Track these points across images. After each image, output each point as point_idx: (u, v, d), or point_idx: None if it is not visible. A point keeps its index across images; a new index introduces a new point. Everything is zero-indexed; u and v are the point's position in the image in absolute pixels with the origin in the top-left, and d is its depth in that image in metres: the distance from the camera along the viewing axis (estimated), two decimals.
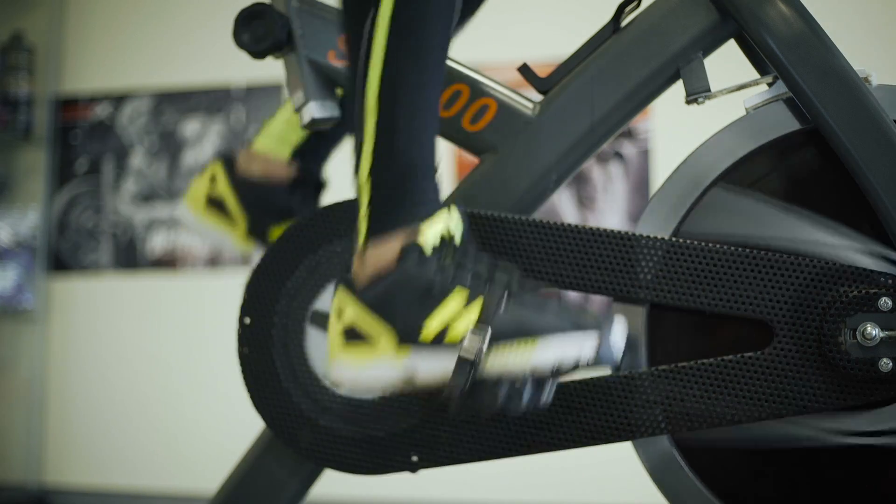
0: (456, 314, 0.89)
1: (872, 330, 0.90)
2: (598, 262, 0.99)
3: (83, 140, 3.12)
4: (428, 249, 0.91)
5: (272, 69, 1.09)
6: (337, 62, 1.11)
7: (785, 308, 0.94)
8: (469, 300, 0.89)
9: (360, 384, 0.92)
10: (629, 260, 0.98)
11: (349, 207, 1.06)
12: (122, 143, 3.10)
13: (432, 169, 0.95)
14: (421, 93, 0.94)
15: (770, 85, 1.01)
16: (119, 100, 3.11)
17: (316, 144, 1.30)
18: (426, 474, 1.05)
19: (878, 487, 0.95)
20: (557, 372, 0.87)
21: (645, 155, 2.69)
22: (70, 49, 3.18)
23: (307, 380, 1.06)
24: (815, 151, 0.97)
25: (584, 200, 2.72)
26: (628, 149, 2.70)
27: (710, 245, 0.96)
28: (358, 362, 0.91)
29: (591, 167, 2.72)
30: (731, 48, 1.05)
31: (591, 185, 2.72)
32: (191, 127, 3.05)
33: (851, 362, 0.90)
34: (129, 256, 3.04)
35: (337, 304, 0.94)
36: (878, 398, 0.91)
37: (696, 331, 1.00)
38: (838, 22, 1.35)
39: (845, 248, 0.95)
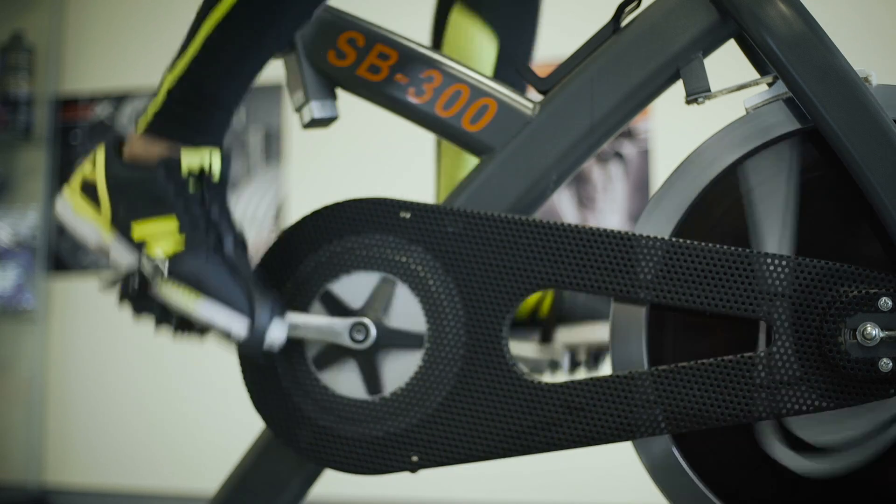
0: (159, 233, 1.00)
1: (872, 330, 0.90)
2: (598, 262, 0.99)
3: (83, 140, 3.12)
4: (184, 169, 1.00)
5: (272, 69, 1.10)
6: (337, 62, 1.11)
7: (785, 308, 0.94)
8: (177, 233, 1.00)
9: (70, 228, 1.05)
10: (629, 260, 0.98)
11: (349, 208, 1.06)
12: None
13: (228, 112, 1.03)
14: (250, 46, 1.01)
15: (770, 85, 1.01)
16: (119, 100, 3.11)
17: None
18: (426, 474, 1.05)
19: (881, 486, 0.95)
20: (206, 328, 0.99)
21: (645, 155, 2.69)
22: (70, 49, 3.18)
23: (307, 380, 1.06)
24: (815, 151, 0.97)
25: (584, 200, 2.72)
26: (628, 149, 2.70)
27: (710, 245, 0.96)
28: (78, 213, 1.04)
29: (591, 167, 2.72)
30: (731, 48, 1.05)
31: (591, 185, 2.72)
32: None
33: (851, 362, 0.90)
34: None
35: (95, 155, 1.05)
36: (877, 398, 0.91)
37: (696, 331, 1.00)
38: (838, 22, 1.35)
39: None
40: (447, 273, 1.02)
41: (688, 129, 1.42)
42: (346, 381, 1.05)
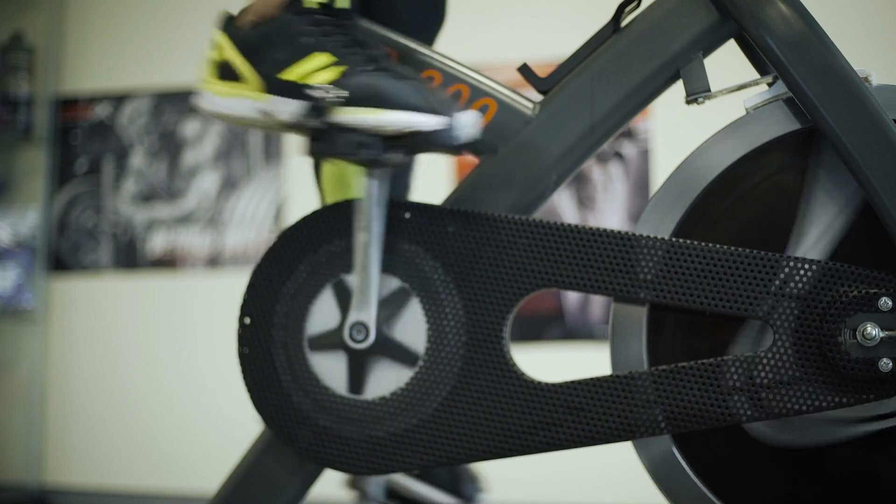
0: (316, 69, 0.95)
1: (872, 330, 0.90)
2: (598, 262, 0.99)
3: (83, 140, 3.12)
4: (311, 3, 0.97)
5: None
6: None
7: (785, 308, 0.94)
8: (333, 62, 0.95)
9: (223, 115, 1.01)
10: (629, 260, 0.98)
11: (349, 208, 1.06)
12: (122, 143, 3.10)
13: None
14: None
15: (770, 85, 1.01)
16: (119, 100, 3.11)
17: None
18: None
19: (880, 484, 0.96)
20: (402, 137, 0.94)
21: (645, 155, 2.69)
22: (70, 49, 3.18)
23: (307, 380, 1.06)
24: (814, 151, 0.97)
25: (584, 200, 2.72)
26: (628, 149, 2.70)
27: (710, 245, 0.96)
28: (224, 95, 1.00)
29: (591, 167, 2.72)
30: (731, 48, 1.05)
31: (591, 185, 2.72)
32: (191, 127, 3.05)
33: (851, 362, 0.90)
34: (129, 256, 3.04)
35: (216, 38, 1.01)
36: (877, 398, 0.91)
37: (697, 331, 1.00)
38: (838, 22, 1.35)
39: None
40: (447, 273, 1.02)
41: (688, 129, 1.42)
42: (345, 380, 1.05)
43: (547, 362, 1.92)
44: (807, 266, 0.93)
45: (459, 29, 1.39)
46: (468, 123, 0.95)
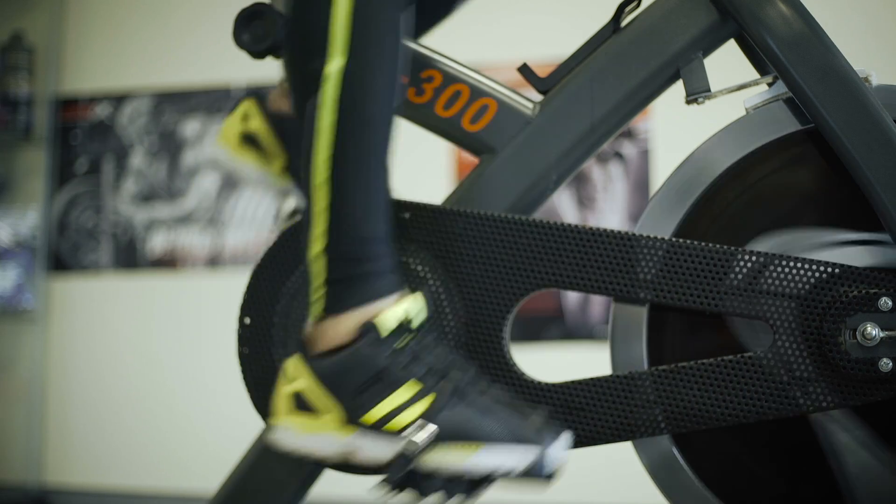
0: (404, 405, 0.90)
1: (872, 330, 0.90)
2: (598, 262, 0.99)
3: (83, 140, 3.12)
4: (384, 332, 0.92)
5: (272, 69, 1.11)
6: None
7: (785, 308, 0.94)
8: (419, 395, 0.91)
9: (299, 452, 0.94)
10: (629, 260, 0.98)
11: None
12: (122, 143, 3.10)
13: (386, 241, 0.96)
14: (369, 167, 0.94)
15: (770, 85, 1.01)
16: (119, 100, 3.11)
17: None
18: None
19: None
20: (489, 478, 0.90)
21: (645, 155, 2.69)
22: (70, 49, 3.18)
23: None
24: (815, 151, 0.97)
25: (584, 200, 2.72)
26: (628, 149, 2.70)
27: (711, 245, 0.96)
28: (301, 431, 0.93)
29: (591, 167, 2.72)
30: (731, 48, 1.05)
31: (591, 185, 2.72)
32: (191, 127, 3.05)
33: (851, 362, 0.90)
34: (129, 256, 3.04)
35: (289, 367, 0.95)
36: (878, 398, 0.91)
37: (697, 331, 1.00)
38: (838, 22, 1.35)
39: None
40: (447, 273, 1.02)
41: (688, 129, 1.42)
42: None
43: (547, 362, 1.92)
44: (807, 266, 0.93)
45: (459, 29, 1.39)
46: (561, 450, 0.91)
